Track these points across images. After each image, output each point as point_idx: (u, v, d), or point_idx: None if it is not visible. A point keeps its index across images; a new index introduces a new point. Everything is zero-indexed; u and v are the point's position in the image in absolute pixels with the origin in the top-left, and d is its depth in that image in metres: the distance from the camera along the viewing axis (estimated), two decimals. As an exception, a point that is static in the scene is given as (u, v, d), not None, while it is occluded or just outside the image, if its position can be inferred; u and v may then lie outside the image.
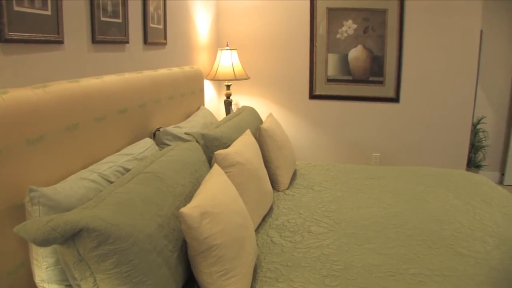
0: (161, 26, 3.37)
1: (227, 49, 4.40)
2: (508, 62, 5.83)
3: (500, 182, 5.96)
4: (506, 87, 5.88)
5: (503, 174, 5.98)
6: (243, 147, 2.60)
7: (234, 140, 2.75)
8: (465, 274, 1.99)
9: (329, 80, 5.09)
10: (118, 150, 2.34)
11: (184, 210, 1.58)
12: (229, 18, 5.03)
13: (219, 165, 2.29)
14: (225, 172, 2.26)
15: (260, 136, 3.14)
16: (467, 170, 5.32)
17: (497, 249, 2.26)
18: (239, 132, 2.98)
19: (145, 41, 3.11)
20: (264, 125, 3.20)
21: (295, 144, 5.15)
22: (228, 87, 4.55)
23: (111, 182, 1.93)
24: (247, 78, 4.54)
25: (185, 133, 2.75)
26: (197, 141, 2.68)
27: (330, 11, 4.94)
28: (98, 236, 1.35)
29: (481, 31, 5.35)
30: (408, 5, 4.93)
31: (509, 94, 5.90)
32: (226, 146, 2.67)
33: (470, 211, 2.80)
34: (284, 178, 3.15)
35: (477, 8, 4.91)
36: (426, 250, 2.23)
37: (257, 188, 2.50)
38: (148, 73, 2.86)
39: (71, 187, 1.74)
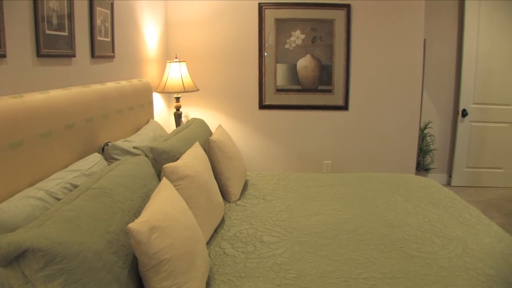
0: (108, 39, 3.33)
1: (176, 61, 4.39)
2: (450, 68, 6.05)
3: (448, 184, 6.18)
4: (449, 92, 6.10)
5: (450, 176, 6.19)
6: (192, 160, 2.60)
7: (183, 153, 2.74)
8: (415, 275, 2.07)
9: (278, 90, 5.15)
10: (66, 166, 2.30)
11: (132, 225, 1.57)
12: (178, 30, 5.03)
13: (168, 178, 2.28)
14: (175, 186, 2.26)
15: (209, 148, 3.14)
16: (416, 173, 5.49)
17: (444, 249, 2.36)
18: (189, 145, 2.97)
19: (93, 55, 3.06)
20: (213, 137, 3.21)
21: (246, 155, 5.16)
22: (177, 99, 4.54)
23: (59, 200, 1.88)
24: (197, 90, 4.54)
25: (134, 147, 2.72)
26: (146, 155, 2.67)
27: (278, 21, 5.00)
28: (44, 256, 1.31)
29: (425, 40, 5.52)
30: (354, 15, 5.06)
31: (453, 99, 6.11)
32: (175, 159, 2.67)
33: (419, 213, 2.91)
34: (235, 189, 3.17)
35: (420, 18, 5.09)
36: (378, 254, 2.29)
37: (208, 200, 2.50)
38: (95, 87, 2.82)
39: (16, 206, 1.69)
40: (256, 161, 5.33)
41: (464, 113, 5.92)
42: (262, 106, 5.23)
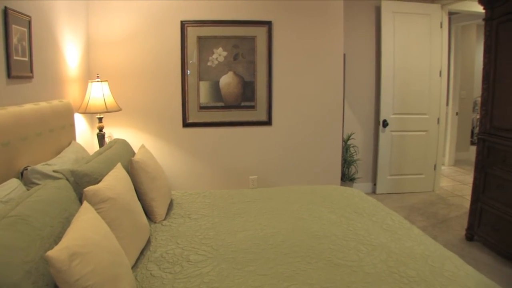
0: (26, 59, 3.22)
1: (97, 81, 4.31)
2: (370, 81, 6.32)
3: (373, 192, 6.43)
4: (370, 103, 6.36)
5: (375, 184, 6.45)
6: (114, 182, 2.56)
7: (105, 175, 2.69)
8: (342, 283, 2.13)
9: (202, 108, 5.18)
10: (-19, 194, 2.20)
11: (51, 253, 1.52)
12: (100, 49, 4.94)
13: (90, 202, 2.23)
14: (97, 209, 2.22)
15: (132, 168, 3.10)
16: (342, 184, 5.65)
17: (369, 256, 2.46)
18: (111, 166, 2.92)
19: (9, 75, 2.94)
20: (136, 157, 3.17)
21: (172, 174, 5.13)
22: (100, 119, 4.45)
23: (-28, 231, 1.81)
24: (119, 109, 4.47)
25: (54, 171, 2.65)
26: (66, 179, 2.60)
27: (201, 39, 5.04)
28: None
29: (344, 54, 5.71)
30: (275, 32, 5.16)
31: (374, 110, 6.36)
32: (97, 181, 2.60)
33: (344, 223, 3.00)
34: (160, 209, 3.14)
35: (339, 33, 5.27)
36: (304, 266, 2.34)
37: (132, 222, 2.47)
38: (12, 109, 2.71)
39: None
40: (181, 179, 5.30)
41: (385, 124, 6.18)
42: (186, 124, 5.23)
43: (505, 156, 4.08)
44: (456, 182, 7.30)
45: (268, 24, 5.17)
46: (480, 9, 4.47)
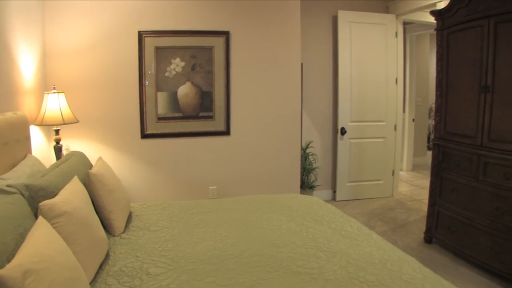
0: (-23, 70, 3.16)
1: (54, 92, 4.23)
2: (328, 90, 6.41)
3: (333, 199, 6.53)
4: (328, 111, 6.46)
5: (334, 192, 6.53)
6: (71, 195, 2.51)
7: (62, 189, 2.63)
8: (302, 291, 2.14)
9: (160, 119, 5.15)
10: None
11: (3, 271, 1.47)
12: (56, 59, 4.84)
13: (46, 216, 2.19)
14: (53, 223, 2.17)
15: (89, 181, 3.05)
16: (301, 192, 5.70)
17: (329, 262, 2.49)
18: (67, 180, 2.86)
19: (-40, 88, 2.88)
20: (93, 170, 3.12)
21: (131, 186, 5.07)
22: (57, 132, 4.37)
23: None
24: (76, 121, 4.40)
25: (7, 186, 2.59)
26: (21, 193, 2.54)
27: (158, 49, 5.02)
28: None
29: (302, 64, 5.78)
30: (233, 42, 5.18)
31: (332, 117, 6.45)
32: (54, 195, 2.55)
33: (303, 231, 3.04)
34: (118, 222, 3.10)
35: (297, 43, 5.34)
36: (265, 275, 2.35)
37: (89, 236, 2.43)
38: (-37, 123, 2.65)
39: None
40: (140, 191, 5.24)
41: (343, 131, 6.28)
42: (144, 135, 5.19)
43: (458, 161, 4.19)
44: (414, 187, 7.46)
45: (226, 34, 5.19)
46: (432, 19, 4.61)
